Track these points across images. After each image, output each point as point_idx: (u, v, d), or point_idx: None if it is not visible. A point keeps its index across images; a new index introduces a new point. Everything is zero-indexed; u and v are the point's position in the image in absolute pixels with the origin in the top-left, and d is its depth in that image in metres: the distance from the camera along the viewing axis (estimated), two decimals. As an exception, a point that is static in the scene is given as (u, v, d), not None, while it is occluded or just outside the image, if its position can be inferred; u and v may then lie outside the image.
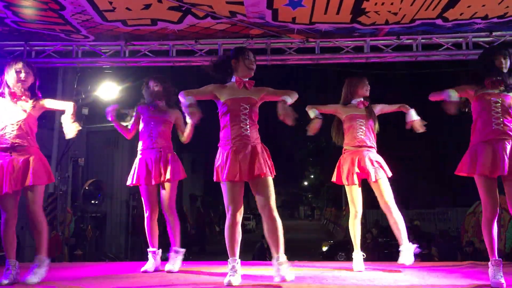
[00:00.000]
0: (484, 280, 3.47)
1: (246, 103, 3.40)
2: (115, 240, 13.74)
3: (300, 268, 4.27)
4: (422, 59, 5.85)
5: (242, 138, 3.34)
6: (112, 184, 13.61)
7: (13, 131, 3.47)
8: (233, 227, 3.29)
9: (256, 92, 3.49)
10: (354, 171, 4.01)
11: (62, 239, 9.01)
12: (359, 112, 4.16)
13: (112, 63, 6.06)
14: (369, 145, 4.08)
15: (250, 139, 3.35)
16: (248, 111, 3.39)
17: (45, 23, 5.05)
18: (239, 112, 3.37)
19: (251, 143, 3.35)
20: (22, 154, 3.45)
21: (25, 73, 3.56)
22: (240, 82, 3.46)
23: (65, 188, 9.76)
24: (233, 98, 3.41)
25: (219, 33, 5.40)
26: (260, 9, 4.67)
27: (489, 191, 3.25)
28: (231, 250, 3.29)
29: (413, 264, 3.91)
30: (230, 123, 3.38)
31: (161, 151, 4.07)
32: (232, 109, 3.39)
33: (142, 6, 4.58)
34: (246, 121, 3.37)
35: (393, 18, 4.89)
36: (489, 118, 3.31)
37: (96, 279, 3.74)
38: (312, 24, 5.07)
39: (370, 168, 3.97)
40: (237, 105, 3.39)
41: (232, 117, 3.38)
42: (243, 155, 3.30)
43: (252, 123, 3.41)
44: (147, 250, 4.12)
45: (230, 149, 3.33)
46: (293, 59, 5.82)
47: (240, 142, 3.33)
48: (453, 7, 4.60)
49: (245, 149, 3.32)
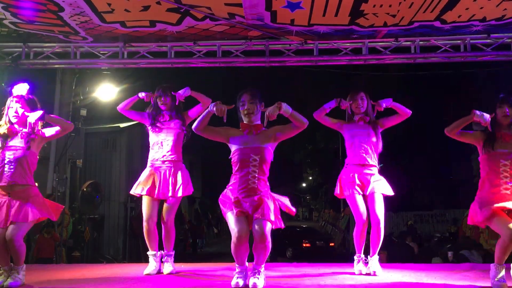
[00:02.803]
0: (482, 281, 3.48)
1: (256, 154, 3.29)
2: (113, 242, 13.70)
3: (299, 269, 4.27)
4: (420, 61, 5.87)
5: (247, 190, 3.27)
6: (110, 186, 13.58)
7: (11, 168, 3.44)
8: (239, 246, 3.19)
9: (266, 135, 3.38)
10: (356, 183, 3.99)
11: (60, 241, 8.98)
12: (361, 129, 4.09)
13: (111, 64, 6.06)
14: (371, 163, 4.03)
15: (256, 191, 3.27)
16: (258, 162, 3.29)
17: (44, 24, 5.04)
18: (249, 163, 3.28)
19: (256, 195, 3.27)
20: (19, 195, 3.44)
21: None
22: (244, 128, 3.39)
23: (63, 189, 9.72)
24: (242, 148, 3.32)
25: (217, 34, 5.40)
26: (258, 11, 4.68)
27: (503, 223, 3.21)
28: (240, 261, 3.27)
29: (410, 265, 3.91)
30: (239, 172, 3.31)
31: (172, 166, 4.01)
32: (241, 159, 3.30)
33: (141, 7, 4.58)
34: (255, 173, 3.28)
35: (391, 20, 4.90)
36: (498, 181, 3.29)
37: (94, 281, 3.73)
38: (311, 26, 5.07)
39: (369, 183, 3.98)
40: (247, 155, 3.30)
41: (241, 167, 3.30)
42: (248, 205, 3.22)
43: (262, 174, 3.30)
44: (147, 253, 4.09)
45: (235, 197, 3.27)
46: (292, 60, 5.83)
47: (245, 193, 3.26)
48: (451, 10, 4.62)
49: (249, 199, 3.24)
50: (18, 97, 3.57)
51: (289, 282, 3.50)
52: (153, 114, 4.14)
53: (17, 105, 3.54)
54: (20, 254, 3.40)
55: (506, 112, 3.31)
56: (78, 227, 10.72)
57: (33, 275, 3.76)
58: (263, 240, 3.10)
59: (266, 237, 3.11)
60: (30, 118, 3.51)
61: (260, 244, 3.12)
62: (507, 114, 3.31)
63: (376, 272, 3.90)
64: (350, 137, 4.11)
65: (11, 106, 3.56)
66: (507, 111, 3.31)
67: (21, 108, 3.54)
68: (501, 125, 3.36)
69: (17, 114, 3.54)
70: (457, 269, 4.29)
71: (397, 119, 4.13)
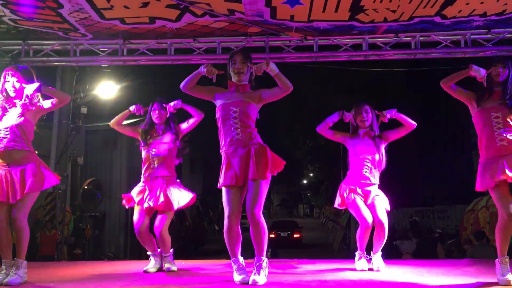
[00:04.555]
0: (484, 277, 3.48)
1: (236, 106, 3.36)
2: (114, 239, 13.73)
3: (300, 266, 4.27)
4: (420, 57, 5.86)
5: (233, 142, 3.32)
6: (111, 183, 13.59)
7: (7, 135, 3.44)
8: (231, 231, 3.27)
9: (250, 95, 3.44)
10: (356, 191, 4.02)
11: (61, 239, 8.99)
12: (365, 145, 4.07)
13: (111, 61, 6.05)
14: (372, 182, 4.06)
15: (242, 142, 3.33)
16: (238, 114, 3.35)
17: (43, 21, 5.03)
18: (229, 116, 3.36)
19: (244, 147, 3.32)
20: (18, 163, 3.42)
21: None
22: (231, 86, 3.45)
23: (64, 187, 9.73)
24: (224, 103, 3.40)
25: (217, 31, 5.39)
26: (258, 7, 4.66)
27: (502, 199, 3.24)
28: (232, 252, 3.31)
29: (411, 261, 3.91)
30: (222, 127, 3.39)
31: (164, 183, 3.99)
32: (222, 114, 3.39)
33: (140, 4, 4.57)
34: (237, 124, 3.34)
35: (391, 16, 4.88)
36: (492, 134, 3.33)
37: (95, 278, 3.73)
38: (311, 22, 5.06)
39: (369, 196, 4.01)
40: (227, 110, 3.38)
41: (223, 122, 3.38)
42: (237, 160, 3.29)
43: (244, 126, 3.37)
44: (147, 252, 4.09)
45: (225, 154, 3.34)
46: (292, 57, 5.81)
47: (232, 146, 3.32)
48: (452, 5, 4.60)
49: (238, 154, 3.30)
50: (13, 70, 3.53)
51: (290, 279, 3.51)
52: (145, 130, 4.13)
53: (13, 79, 3.51)
54: (23, 238, 3.37)
55: (500, 71, 3.40)
56: (79, 225, 10.74)
57: (34, 272, 3.76)
58: (256, 224, 3.21)
59: (259, 222, 3.21)
60: (27, 90, 3.49)
61: (254, 230, 3.23)
62: (500, 73, 3.40)
63: (380, 268, 3.92)
64: (354, 154, 4.12)
65: (7, 80, 3.53)
66: (500, 71, 3.40)
67: (17, 82, 3.51)
68: (494, 83, 3.44)
69: (14, 88, 3.51)
70: (458, 265, 4.29)
71: (401, 132, 4.13)
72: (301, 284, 3.30)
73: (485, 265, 4.06)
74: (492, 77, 3.42)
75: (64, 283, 3.49)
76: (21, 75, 3.54)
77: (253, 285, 3.13)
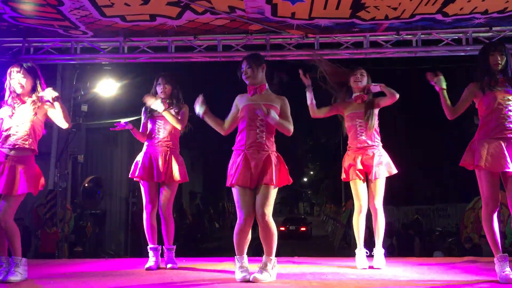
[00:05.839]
0: (484, 275, 3.48)
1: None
2: (114, 237, 13.75)
3: (300, 264, 4.27)
4: (422, 55, 5.84)
5: (254, 144, 3.32)
6: (111, 181, 13.61)
7: (17, 132, 3.45)
8: (243, 232, 3.29)
9: (275, 100, 3.45)
10: (357, 167, 3.99)
11: (62, 236, 9.01)
12: (358, 110, 4.08)
13: (111, 59, 6.04)
14: (371, 144, 4.03)
15: (264, 146, 3.34)
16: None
17: (44, 19, 5.03)
18: (256, 117, 3.35)
19: (265, 151, 3.33)
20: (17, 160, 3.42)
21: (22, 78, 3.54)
22: (249, 90, 3.47)
23: (64, 185, 9.75)
24: (249, 104, 3.40)
25: (218, 28, 5.38)
26: (259, 4, 4.65)
27: (492, 185, 3.26)
28: (239, 250, 3.32)
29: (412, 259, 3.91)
30: (246, 127, 3.37)
31: (168, 150, 4.04)
32: (249, 115, 3.38)
33: (141, 1, 4.56)
34: (263, 127, 3.35)
35: (392, 13, 4.87)
36: (502, 116, 3.30)
37: (96, 275, 3.73)
38: (312, 20, 5.05)
39: (372, 166, 3.97)
40: (253, 111, 3.37)
41: (248, 121, 3.37)
42: (255, 163, 3.29)
43: (269, 132, 3.37)
44: (148, 247, 4.09)
45: (244, 154, 3.32)
46: (293, 54, 5.80)
47: (253, 148, 3.32)
48: (453, 2, 4.59)
49: (258, 157, 3.30)
50: (18, 67, 3.53)
51: (290, 277, 3.50)
52: None
53: (19, 75, 3.51)
54: (12, 236, 3.34)
55: (498, 60, 3.40)
56: (80, 223, 10.78)
57: (35, 270, 3.76)
58: (265, 225, 3.23)
59: (269, 223, 3.23)
60: (47, 95, 3.50)
61: (263, 231, 3.25)
62: (499, 61, 3.39)
63: (381, 265, 3.91)
64: (349, 119, 4.11)
65: (12, 77, 3.52)
66: (498, 59, 3.40)
67: (23, 78, 3.51)
68: (494, 71, 3.42)
69: (20, 84, 3.51)
70: (459, 263, 4.29)
71: (388, 101, 4.09)
72: (302, 283, 3.30)
73: (486, 262, 4.07)
74: (492, 66, 3.40)
75: (64, 280, 3.49)
76: (26, 71, 3.54)
77: (253, 282, 3.14)
